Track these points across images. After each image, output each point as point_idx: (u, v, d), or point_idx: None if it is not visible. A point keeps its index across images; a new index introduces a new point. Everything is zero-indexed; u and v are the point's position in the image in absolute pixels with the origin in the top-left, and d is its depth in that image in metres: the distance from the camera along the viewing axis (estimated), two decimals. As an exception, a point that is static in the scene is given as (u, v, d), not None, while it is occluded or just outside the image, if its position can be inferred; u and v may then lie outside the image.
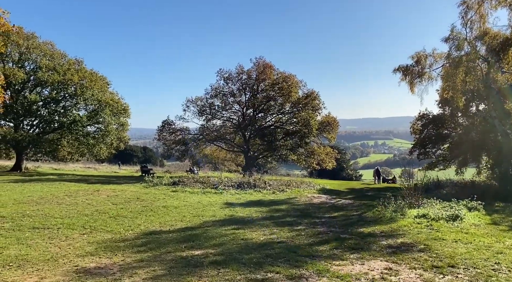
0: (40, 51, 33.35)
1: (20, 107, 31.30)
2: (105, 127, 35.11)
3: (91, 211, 12.23)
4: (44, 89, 33.23)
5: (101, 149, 35.50)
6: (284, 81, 35.59)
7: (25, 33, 32.85)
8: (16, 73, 29.72)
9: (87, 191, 17.36)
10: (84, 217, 11.03)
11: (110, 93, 37.04)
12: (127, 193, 17.39)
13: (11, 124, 33.28)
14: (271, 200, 16.76)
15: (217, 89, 38.00)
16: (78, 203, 13.88)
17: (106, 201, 14.70)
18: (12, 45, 31.18)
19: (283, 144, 36.95)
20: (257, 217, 12.21)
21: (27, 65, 33.35)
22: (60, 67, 33.25)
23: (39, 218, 10.69)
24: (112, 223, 10.35)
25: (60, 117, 32.89)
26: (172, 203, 14.81)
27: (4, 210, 11.78)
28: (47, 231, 9.10)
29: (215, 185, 20.48)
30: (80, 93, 32.88)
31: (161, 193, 18.03)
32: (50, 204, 13.43)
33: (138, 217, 11.54)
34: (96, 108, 34.54)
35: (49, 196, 15.31)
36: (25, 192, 16.63)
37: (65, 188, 18.88)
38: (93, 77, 34.79)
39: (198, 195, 17.85)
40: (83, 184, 21.40)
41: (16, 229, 9.08)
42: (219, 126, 39.78)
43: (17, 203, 13.26)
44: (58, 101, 33.03)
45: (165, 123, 38.99)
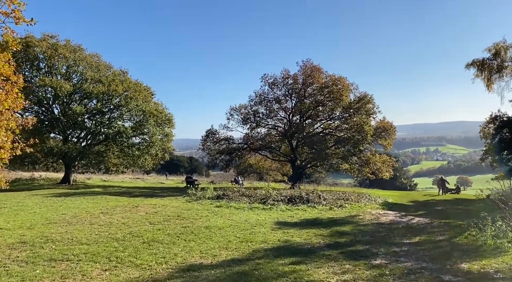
0: (86, 63, 33.48)
1: (67, 119, 31.33)
2: (149, 138, 34.46)
3: (124, 233, 10.59)
4: (90, 101, 33.19)
5: (146, 160, 34.85)
6: (334, 84, 33.03)
7: (72, 46, 33.12)
8: (63, 85, 29.76)
9: (125, 207, 15.97)
10: (113, 243, 9.36)
11: (154, 103, 36.52)
12: (168, 209, 15.79)
13: (60, 137, 33.52)
14: (330, 218, 14.35)
15: (261, 96, 36.21)
16: (112, 222, 12.37)
17: (144, 219, 13.10)
18: (59, 58, 31.44)
19: (334, 152, 34.19)
20: (319, 244, 9.92)
21: (74, 77, 33.58)
22: (105, 78, 33.13)
23: (62, 244, 9.17)
24: (144, 252, 8.54)
25: (105, 128, 32.62)
26: (216, 222, 12.90)
27: (30, 233, 10.45)
28: (64, 264, 7.45)
29: (263, 199, 18.40)
30: (125, 104, 32.47)
31: (204, 208, 16.25)
32: (81, 224, 12.02)
33: (175, 242, 9.70)
34: (141, 119, 34.02)
35: (84, 214, 14.01)
36: (61, 208, 15.55)
37: (104, 203, 17.71)
38: (137, 87, 34.37)
39: (245, 211, 15.86)
40: (124, 198, 20.25)
41: (30, 262, 7.53)
42: (264, 134, 37.85)
43: (47, 223, 11.99)
44: (103, 113, 32.79)
45: (209, 132, 37.77)
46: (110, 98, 32.36)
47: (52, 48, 31.03)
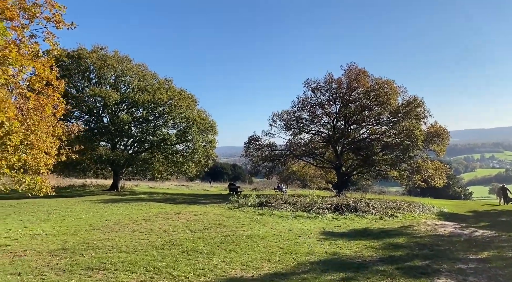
0: (133, 73, 34.54)
1: (115, 127, 32.37)
2: (193, 145, 34.77)
3: (164, 241, 10.28)
4: (137, 110, 34.11)
5: (190, 166, 35.16)
6: (380, 87, 31.49)
7: (120, 57, 34.35)
8: (111, 95, 30.79)
9: (168, 214, 15.82)
10: (152, 252, 9.03)
11: (197, 110, 36.89)
12: (210, 216, 15.43)
13: (109, 145, 34.71)
14: (381, 229, 13.24)
15: (304, 101, 35.39)
16: (153, 229, 12.17)
17: (185, 227, 12.79)
18: (108, 68, 32.67)
19: (382, 158, 32.52)
20: (371, 258, 8.99)
21: (122, 87, 34.74)
22: (150, 87, 33.98)
23: (102, 251, 8.98)
24: (182, 263, 8.11)
25: (150, 136, 33.33)
26: (258, 231, 12.29)
27: (73, 239, 10.44)
28: (100, 274, 7.18)
29: (307, 207, 17.56)
30: (169, 111, 33.03)
31: (246, 216, 15.72)
32: (123, 231, 11.92)
33: (215, 252, 9.20)
34: (184, 126, 34.44)
35: (126, 221, 13.98)
36: (106, 215, 15.70)
37: (147, 209, 17.74)
38: (181, 95, 34.89)
39: (288, 219, 15.13)
40: (167, 205, 20.26)
41: (68, 270, 7.34)
42: (307, 140, 36.93)
43: (90, 229, 12.01)
44: (149, 121, 33.55)
45: (251, 139, 37.47)
46: (155, 106, 33.06)
47: (102, 59, 32.35)
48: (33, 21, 7.90)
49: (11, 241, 10.00)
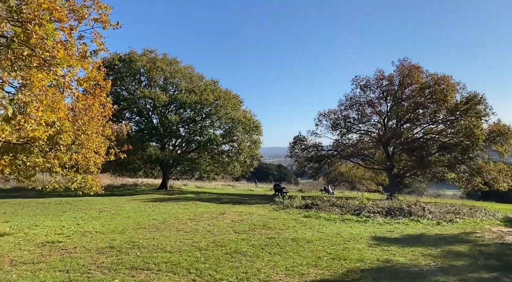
0: (181, 75, 35.33)
1: (164, 128, 33.30)
2: (238, 145, 34.89)
3: (208, 242, 10.13)
4: (184, 111, 34.83)
5: (235, 166, 35.32)
6: (436, 84, 29.56)
7: (169, 59, 35.31)
8: (160, 96, 31.69)
9: (213, 214, 15.78)
10: (196, 252, 8.89)
11: (243, 111, 37.00)
12: (254, 217, 15.16)
13: (158, 145, 35.77)
14: (439, 235, 12.19)
15: (352, 99, 34.17)
16: (198, 229, 12.10)
17: (229, 227, 12.61)
18: (157, 71, 33.67)
19: (438, 159, 30.50)
20: (429, 267, 8.19)
21: (170, 88, 35.67)
22: (197, 88, 34.57)
23: (147, 251, 8.99)
24: (225, 265, 7.86)
25: (197, 136, 33.90)
26: (304, 234, 11.80)
27: (120, 237, 10.60)
28: (143, 274, 7.10)
29: (357, 210, 16.74)
30: (215, 112, 33.40)
31: (292, 218, 15.25)
32: (169, 230, 11.96)
33: (259, 255, 8.87)
34: (230, 126, 34.66)
35: (172, 220, 14.08)
36: (153, 213, 15.97)
37: (193, 209, 17.87)
38: (227, 96, 35.17)
39: (336, 222, 14.45)
40: (213, 204, 20.33)
41: (113, 269, 7.35)
42: (356, 141, 35.62)
43: (137, 228, 12.19)
44: (196, 121, 34.14)
45: (296, 139, 36.84)
46: (202, 107, 33.60)
47: (151, 62, 33.42)
48: (81, 22, 8.05)
49: (64, 237, 10.35)
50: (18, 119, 6.58)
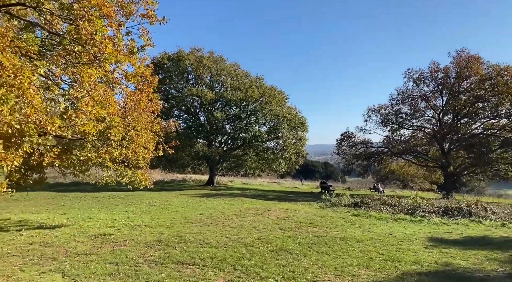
0: (226, 72, 35.60)
1: (210, 125, 33.79)
2: (283, 142, 34.56)
3: (253, 238, 9.96)
4: (230, 108, 35.10)
5: (280, 163, 35.01)
6: (499, 75, 27.31)
7: (215, 57, 35.72)
8: (207, 94, 32.17)
9: (258, 210, 15.63)
10: (241, 249, 8.75)
11: (288, 107, 36.58)
12: (300, 214, 14.81)
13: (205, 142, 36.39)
14: (505, 238, 11.12)
15: (404, 94, 32.55)
16: (243, 225, 11.99)
17: (274, 224, 12.37)
18: (204, 69, 34.20)
19: (500, 156, 28.20)
20: (496, 273, 7.41)
21: (217, 86, 36.10)
22: (243, 85, 34.67)
23: (193, 245, 8.99)
24: (271, 263, 7.63)
25: (242, 133, 34.02)
26: (353, 233, 11.27)
27: (168, 231, 10.74)
28: (189, 269, 7.06)
29: (410, 210, 15.81)
30: (260, 109, 33.30)
31: (340, 216, 14.71)
32: (215, 225, 11.96)
33: (306, 253, 8.54)
34: (275, 123, 34.43)
35: (218, 215, 14.11)
36: (200, 208, 16.14)
37: (239, 205, 17.86)
38: (272, 92, 34.93)
39: (388, 222, 13.71)
40: (258, 201, 20.22)
41: (159, 263, 7.39)
42: (408, 137, 33.94)
43: (184, 222, 12.32)
44: (241, 118, 34.26)
45: (344, 135, 35.83)
46: (247, 104, 33.65)
47: (198, 60, 34.01)
48: (129, 18, 8.19)
49: (115, 230, 10.67)
50: (69, 114, 6.78)
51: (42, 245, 8.66)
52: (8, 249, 8.19)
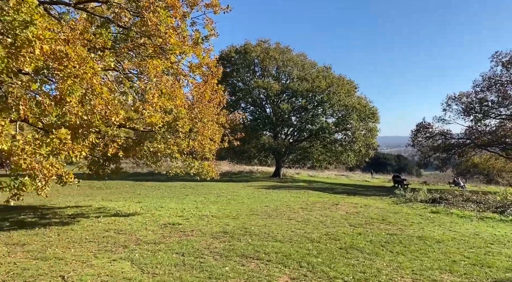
0: (293, 63, 35.07)
1: (276, 117, 33.61)
2: (352, 133, 33.22)
3: (320, 234, 9.50)
4: (296, 99, 34.55)
5: (349, 156, 33.75)
6: None
7: (281, 48, 35.35)
8: (273, 86, 32.01)
9: (325, 204, 15.06)
10: (307, 244, 8.36)
11: (357, 97, 35.07)
12: (371, 209, 13.95)
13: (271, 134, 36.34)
14: None
15: (491, 79, 29.26)
16: (310, 219, 11.57)
17: (343, 219, 11.76)
18: (270, 60, 34.02)
19: None
20: None
21: (283, 77, 35.75)
22: (309, 75, 33.91)
23: (258, 238, 8.81)
24: (340, 262, 7.14)
25: (309, 125, 33.34)
26: (432, 232, 10.26)
27: (233, 223, 10.72)
28: (253, 264, 6.85)
29: (499, 208, 14.10)
30: (327, 99, 32.31)
31: (416, 213, 13.58)
32: (280, 218, 11.70)
33: (379, 253, 7.88)
34: (343, 114, 33.21)
35: (284, 208, 13.83)
36: (266, 200, 16.01)
37: (305, 197, 17.42)
38: (340, 82, 33.73)
39: (473, 221, 12.33)
40: (326, 194, 19.58)
41: (224, 256, 7.30)
42: (495, 127, 30.51)
43: (250, 214, 12.23)
44: (307, 110, 33.56)
45: (420, 126, 33.37)
46: (314, 95, 32.86)
47: (265, 52, 33.92)
48: (193, 8, 8.15)
49: (183, 220, 10.91)
50: (136, 105, 6.92)
51: (116, 232, 9.10)
52: (87, 234, 8.72)
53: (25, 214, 11.33)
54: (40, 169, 4.90)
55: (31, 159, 4.67)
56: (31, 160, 4.67)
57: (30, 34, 4.19)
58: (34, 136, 4.86)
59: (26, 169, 4.83)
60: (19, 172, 4.97)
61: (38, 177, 5.04)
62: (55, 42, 4.53)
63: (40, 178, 5.09)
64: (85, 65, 4.83)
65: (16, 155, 4.53)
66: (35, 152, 4.67)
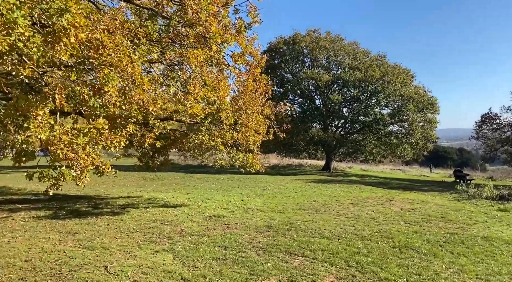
0: (344, 52, 33.80)
1: (326, 109, 32.68)
2: (408, 125, 31.39)
3: (372, 231, 8.90)
4: (347, 90, 33.30)
5: (405, 149, 31.96)
6: None
7: (332, 37, 34.19)
8: (322, 76, 31.10)
9: (378, 200, 14.25)
10: (357, 242, 7.84)
11: (414, 87, 33.06)
12: (429, 206, 12.95)
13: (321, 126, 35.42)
14: None
15: None
16: (360, 216, 10.94)
17: (397, 216, 10.99)
18: (320, 50, 33.03)
19: None
20: None
21: (333, 67, 34.61)
22: (362, 65, 32.51)
23: (303, 234, 8.43)
24: (392, 262, 6.57)
25: (361, 116, 32.03)
26: (500, 232, 9.23)
27: (279, 217, 10.42)
28: (297, 261, 6.50)
29: None
30: (381, 89, 30.78)
31: (480, 211, 12.38)
32: (328, 213, 11.20)
33: (437, 253, 7.17)
34: (399, 104, 31.47)
35: (333, 203, 13.26)
36: (314, 195, 15.52)
37: (356, 192, 16.67)
38: (395, 71, 31.94)
39: (549, 222, 10.95)
40: (379, 189, 18.62)
41: (267, 251, 7.02)
42: None
43: (296, 209, 11.85)
44: (360, 100, 32.22)
45: (485, 117, 30.75)
46: (367, 85, 31.47)
47: (314, 41, 33.00)
48: (235, -5, 7.88)
49: (228, 212, 10.82)
50: (178, 96, 6.83)
51: (163, 223, 9.19)
52: (134, 225, 8.89)
53: (80, 203, 11.90)
54: (76, 159, 4.93)
55: (67, 149, 4.71)
56: (67, 149, 4.70)
57: (65, 21, 4.18)
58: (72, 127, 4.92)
59: (63, 159, 4.89)
60: (57, 161, 5.07)
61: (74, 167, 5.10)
62: (91, 30, 4.51)
63: (76, 168, 5.15)
64: (120, 53, 4.76)
65: (54, 144, 4.59)
66: (72, 141, 4.71)
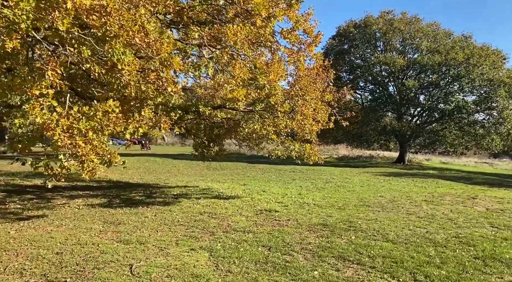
0: (422, 34, 30.70)
1: (400, 96, 30.09)
2: (498, 113, 27.61)
3: (448, 236, 7.47)
4: (425, 75, 30.23)
5: (493, 140, 28.22)
6: None
7: (408, 18, 31.30)
8: (396, 60, 28.61)
9: (458, 197, 12.38)
10: (429, 248, 6.54)
11: (506, 70, 28.98)
12: (524, 208, 10.85)
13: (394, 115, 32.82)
14: None
15: None
16: (435, 215, 9.43)
17: (482, 218, 9.26)
18: (394, 32, 30.39)
19: None
20: None
21: (410, 51, 31.68)
22: (442, 47, 29.21)
23: (364, 236, 7.31)
24: (473, 278, 5.21)
25: (441, 104, 28.90)
26: None
27: (337, 213, 9.35)
28: (350, 270, 5.45)
29: None
30: (465, 73, 27.37)
31: None
32: (396, 212, 9.84)
33: (536, 272, 5.64)
34: (487, 90, 27.79)
35: (403, 199, 11.76)
36: (382, 189, 14.04)
37: (432, 188, 14.79)
38: (483, 52, 28.18)
39: None
40: (459, 185, 16.43)
41: (317, 255, 6.07)
42: None
43: (359, 205, 10.64)
44: (439, 86, 29.06)
45: None
46: (447, 69, 28.25)
47: (388, 23, 30.46)
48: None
49: (281, 207, 10.03)
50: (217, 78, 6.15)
51: (210, 216, 8.70)
52: (180, 217, 8.51)
53: (136, 192, 11.98)
54: (74, 146, 4.45)
55: (65, 135, 4.25)
56: (64, 135, 4.24)
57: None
58: (79, 110, 4.46)
59: (63, 146, 4.45)
60: (56, 149, 4.64)
61: (70, 156, 4.63)
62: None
63: (76, 157, 4.69)
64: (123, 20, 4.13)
65: (50, 129, 4.15)
66: (72, 126, 4.24)
